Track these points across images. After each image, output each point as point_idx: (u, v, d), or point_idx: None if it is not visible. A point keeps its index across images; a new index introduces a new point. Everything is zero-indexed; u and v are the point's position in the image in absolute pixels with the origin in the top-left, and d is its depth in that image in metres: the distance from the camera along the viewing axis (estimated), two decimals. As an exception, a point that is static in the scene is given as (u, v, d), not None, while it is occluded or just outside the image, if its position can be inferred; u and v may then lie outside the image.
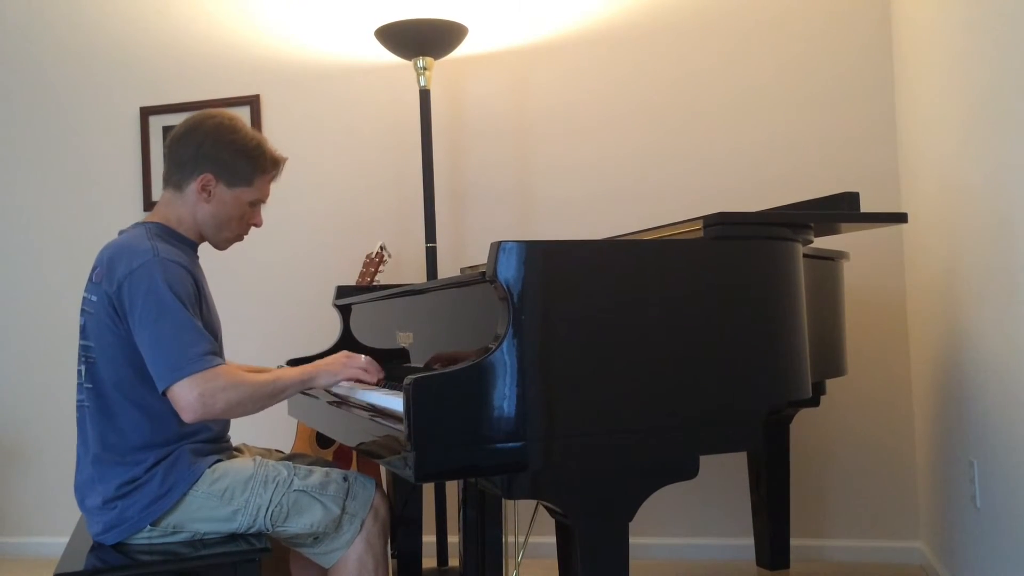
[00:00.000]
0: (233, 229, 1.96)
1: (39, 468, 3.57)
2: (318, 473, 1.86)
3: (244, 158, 1.90)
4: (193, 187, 1.89)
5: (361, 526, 1.84)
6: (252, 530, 1.80)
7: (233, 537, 1.81)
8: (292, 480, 1.82)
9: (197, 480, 1.77)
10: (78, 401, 1.85)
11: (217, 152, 1.88)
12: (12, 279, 3.63)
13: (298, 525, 1.80)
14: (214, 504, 1.77)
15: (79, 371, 1.84)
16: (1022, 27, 1.78)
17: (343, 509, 1.83)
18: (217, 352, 1.77)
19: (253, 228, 2.02)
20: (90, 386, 1.81)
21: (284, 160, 2.01)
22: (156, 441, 1.78)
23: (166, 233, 1.89)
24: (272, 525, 1.79)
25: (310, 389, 1.91)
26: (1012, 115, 1.85)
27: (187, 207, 1.91)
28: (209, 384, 1.67)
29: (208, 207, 1.90)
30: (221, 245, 1.99)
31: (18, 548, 3.57)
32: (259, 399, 1.75)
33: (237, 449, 2.05)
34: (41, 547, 3.53)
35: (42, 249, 3.62)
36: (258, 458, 1.89)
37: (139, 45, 3.56)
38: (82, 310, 1.85)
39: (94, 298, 1.80)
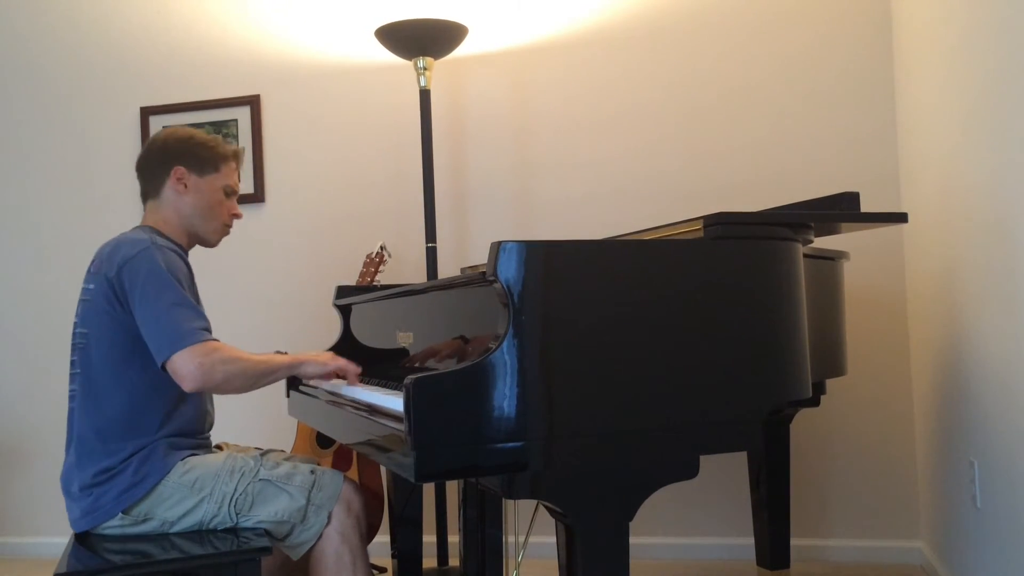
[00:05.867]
0: (218, 217, 2.07)
1: (39, 468, 3.57)
2: (285, 465, 1.92)
3: (204, 148, 2.06)
4: (168, 184, 2.03)
5: (329, 518, 1.87)
6: (217, 519, 1.84)
7: (234, 533, 1.82)
8: (258, 470, 1.88)
9: (169, 472, 1.84)
10: (69, 392, 1.93)
11: (180, 148, 2.04)
12: (13, 278, 3.63)
13: (263, 514, 1.85)
14: (184, 494, 1.83)
15: (72, 361, 1.92)
16: (1021, 27, 1.78)
17: (308, 500, 1.87)
18: (211, 331, 1.85)
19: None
20: (79, 371, 1.89)
21: (241, 150, 2.16)
22: (136, 431, 1.85)
23: (157, 233, 1.99)
24: (237, 514, 1.84)
25: (304, 382, 2.02)
26: (1012, 115, 1.85)
27: (169, 206, 2.04)
28: (208, 356, 1.76)
29: (188, 199, 2.03)
30: (211, 237, 2.09)
31: (18, 548, 3.57)
32: (252, 376, 1.84)
33: (218, 446, 2.11)
34: (41, 547, 3.53)
35: (43, 249, 3.62)
36: (230, 452, 1.96)
37: (139, 45, 3.56)
38: (80, 300, 1.93)
39: (92, 286, 1.89)
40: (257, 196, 3.40)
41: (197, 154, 2.04)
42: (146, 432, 1.86)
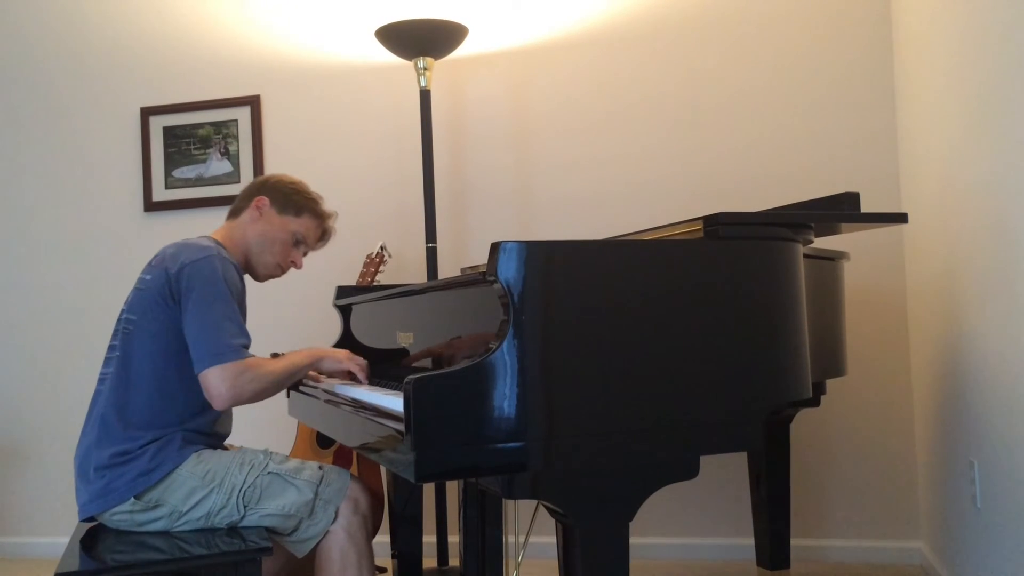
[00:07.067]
0: (275, 254, 2.15)
1: (39, 468, 3.57)
2: (294, 461, 1.97)
3: (296, 193, 2.18)
4: (248, 208, 2.15)
5: (336, 514, 1.90)
6: (225, 510, 1.87)
7: (235, 533, 1.83)
8: (267, 463, 1.93)
9: (183, 462, 1.88)
10: (100, 375, 1.99)
11: (277, 186, 2.18)
12: (13, 278, 3.63)
13: (271, 507, 1.88)
14: (195, 483, 1.87)
15: (112, 345, 1.98)
16: (1022, 28, 1.78)
17: (316, 494, 1.90)
18: (249, 347, 1.93)
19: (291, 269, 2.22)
20: (118, 355, 1.95)
21: (334, 215, 2.26)
22: (157, 422, 1.91)
23: (221, 247, 2.07)
24: (244, 506, 1.87)
25: (304, 381, 2.11)
26: (1012, 115, 1.86)
27: (239, 227, 2.15)
28: (239, 376, 1.82)
29: (258, 226, 2.13)
30: (260, 271, 2.18)
31: (18, 548, 3.57)
32: (279, 383, 1.92)
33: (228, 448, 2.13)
34: (41, 547, 3.53)
35: (43, 249, 3.62)
36: (243, 448, 2.01)
37: (139, 45, 3.56)
38: (133, 289, 2.00)
39: (149, 277, 1.97)
40: (257, 196, 3.40)
41: (287, 195, 2.16)
42: (168, 424, 1.91)
